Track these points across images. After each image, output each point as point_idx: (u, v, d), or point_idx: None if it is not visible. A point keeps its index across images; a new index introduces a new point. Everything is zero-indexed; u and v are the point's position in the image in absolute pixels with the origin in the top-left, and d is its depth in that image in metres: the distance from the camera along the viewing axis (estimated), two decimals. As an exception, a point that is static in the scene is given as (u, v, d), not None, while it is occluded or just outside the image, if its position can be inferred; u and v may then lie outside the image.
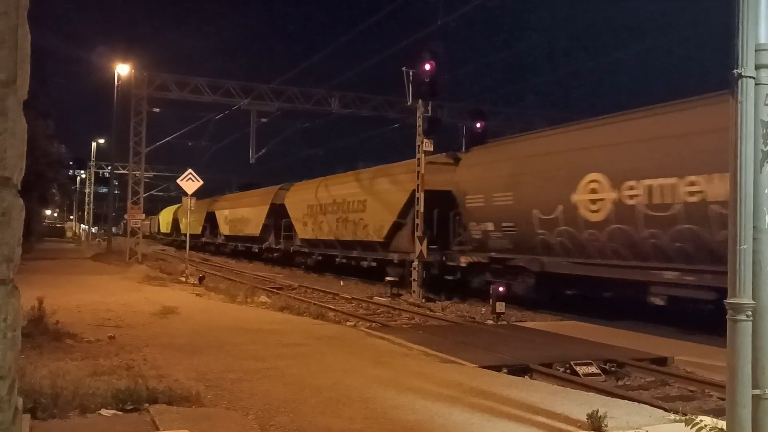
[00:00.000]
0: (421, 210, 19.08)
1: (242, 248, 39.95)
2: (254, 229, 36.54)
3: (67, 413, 5.13)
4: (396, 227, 21.68)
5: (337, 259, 26.36)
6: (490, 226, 17.40)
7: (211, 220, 47.31)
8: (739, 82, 4.02)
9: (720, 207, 10.88)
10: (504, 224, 16.82)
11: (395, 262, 21.26)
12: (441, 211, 19.86)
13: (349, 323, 13.46)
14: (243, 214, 39.35)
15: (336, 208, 26.28)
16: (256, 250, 37.03)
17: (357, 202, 24.56)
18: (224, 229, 43.81)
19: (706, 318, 11.64)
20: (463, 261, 18.34)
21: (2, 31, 2.38)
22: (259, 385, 6.53)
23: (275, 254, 34.44)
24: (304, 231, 29.86)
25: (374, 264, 23.20)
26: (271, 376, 6.93)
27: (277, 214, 33.58)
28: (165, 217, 67.03)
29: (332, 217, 26.42)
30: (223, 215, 44.08)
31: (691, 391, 8.29)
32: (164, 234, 66.68)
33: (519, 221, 16.22)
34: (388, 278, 19.96)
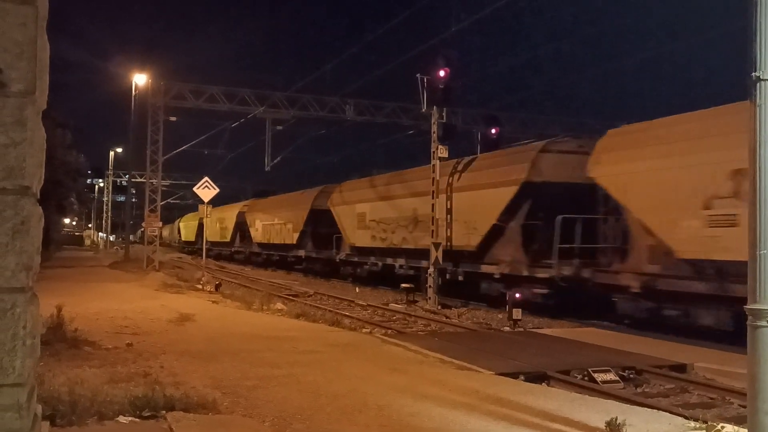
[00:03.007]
0: (437, 216, 19.01)
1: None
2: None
3: (85, 420, 5.17)
4: None
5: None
6: None
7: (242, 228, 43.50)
8: (758, 85, 3.99)
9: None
10: None
11: None
12: None
13: (364, 330, 13.44)
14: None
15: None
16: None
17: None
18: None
19: (726, 324, 11.49)
20: None
21: (21, 43, 2.41)
22: (275, 392, 6.54)
23: None
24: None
25: None
26: (287, 383, 6.94)
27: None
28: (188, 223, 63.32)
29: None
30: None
31: (711, 399, 8.17)
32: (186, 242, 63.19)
33: None
34: (403, 285, 19.87)
